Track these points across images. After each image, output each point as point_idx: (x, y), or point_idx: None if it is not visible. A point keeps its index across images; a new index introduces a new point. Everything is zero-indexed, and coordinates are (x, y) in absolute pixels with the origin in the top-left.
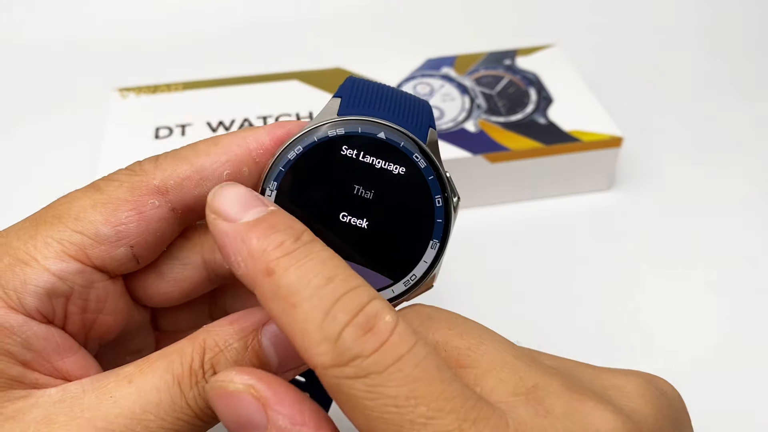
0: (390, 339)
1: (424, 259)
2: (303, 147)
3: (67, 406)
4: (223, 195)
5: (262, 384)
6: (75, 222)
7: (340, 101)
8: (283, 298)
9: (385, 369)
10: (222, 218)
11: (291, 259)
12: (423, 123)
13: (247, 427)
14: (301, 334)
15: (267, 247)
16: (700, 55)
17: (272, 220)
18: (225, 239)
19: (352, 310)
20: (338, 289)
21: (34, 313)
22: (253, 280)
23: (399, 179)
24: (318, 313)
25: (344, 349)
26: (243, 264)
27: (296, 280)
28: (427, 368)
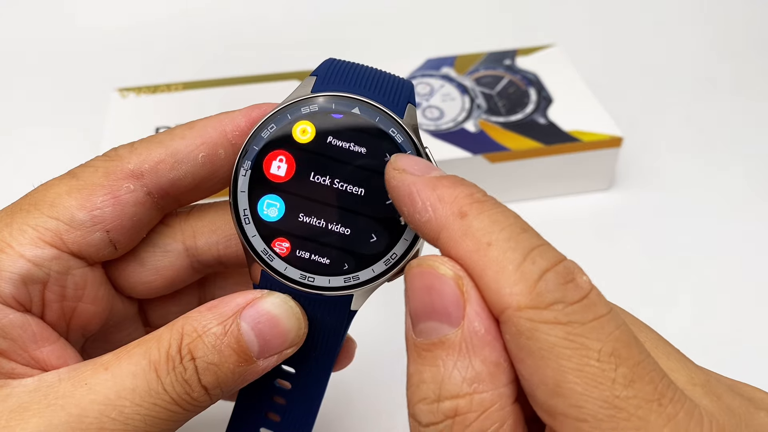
0: (590, 295)
1: (405, 237)
2: (276, 125)
3: (42, 395)
4: (408, 157)
5: (470, 281)
6: (50, 208)
7: (315, 79)
8: (475, 238)
9: (588, 321)
10: (408, 173)
11: (483, 206)
12: (401, 99)
13: (440, 316)
14: (495, 272)
15: (459, 193)
16: (700, 55)
17: (458, 178)
18: (413, 187)
19: (552, 259)
20: (534, 240)
21: (10, 301)
22: (442, 224)
23: (375, 155)
24: (517, 254)
25: (545, 292)
26: (431, 209)
27: (491, 223)
28: (627, 334)
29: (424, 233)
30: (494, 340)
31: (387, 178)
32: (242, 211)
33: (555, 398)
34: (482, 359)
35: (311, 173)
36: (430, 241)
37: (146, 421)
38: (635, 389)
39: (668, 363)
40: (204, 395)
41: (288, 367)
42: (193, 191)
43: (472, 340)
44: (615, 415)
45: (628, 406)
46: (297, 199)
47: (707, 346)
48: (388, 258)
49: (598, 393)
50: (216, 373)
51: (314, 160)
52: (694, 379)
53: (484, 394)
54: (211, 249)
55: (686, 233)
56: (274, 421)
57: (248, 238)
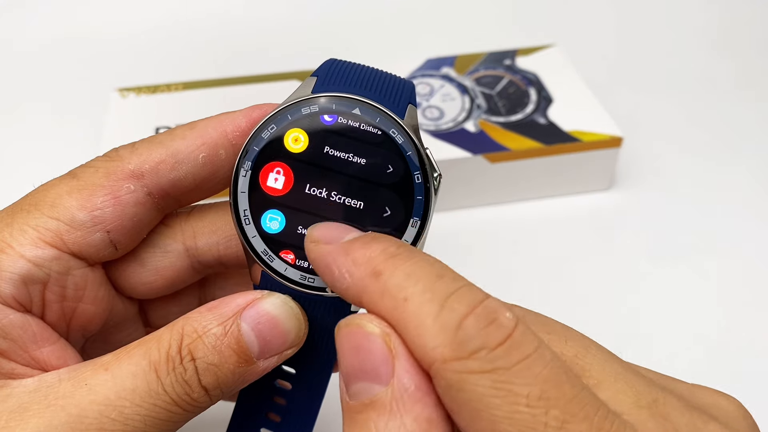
0: (514, 334)
1: (405, 238)
2: (277, 126)
3: (42, 395)
4: (322, 227)
5: (398, 338)
6: (51, 208)
7: (316, 80)
8: (392, 296)
9: (513, 365)
10: (323, 243)
11: (397, 260)
12: (402, 100)
13: (369, 376)
14: (416, 327)
15: (371, 252)
16: (700, 55)
17: (372, 235)
18: (328, 257)
19: (470, 303)
20: (451, 285)
21: (10, 301)
22: (360, 287)
23: (375, 156)
24: (433, 306)
25: (466, 340)
26: (348, 274)
27: (405, 277)
28: (556, 370)
29: (349, 299)
30: (425, 396)
31: (306, 252)
32: (242, 211)
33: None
34: (414, 417)
35: (311, 175)
36: (356, 305)
37: (146, 422)
38: (568, 430)
39: (615, 385)
40: (204, 396)
41: (288, 368)
42: (194, 192)
43: (402, 397)
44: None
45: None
46: (297, 201)
47: (707, 346)
48: None
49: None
50: (216, 374)
51: (314, 163)
52: (641, 400)
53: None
54: (211, 249)
55: (686, 233)
56: (275, 421)
57: (248, 239)
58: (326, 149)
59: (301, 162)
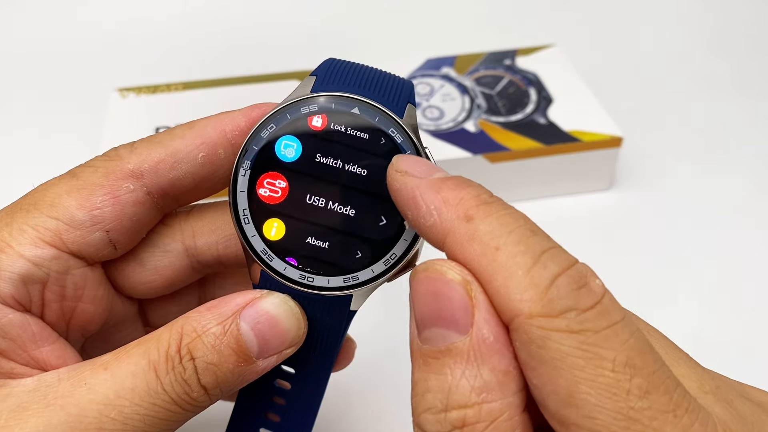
0: (603, 301)
1: (404, 237)
2: (276, 125)
3: (41, 395)
4: (410, 158)
5: (479, 286)
6: (50, 208)
7: (315, 79)
8: (483, 242)
9: (602, 329)
10: (411, 175)
11: (490, 208)
12: (401, 99)
13: (448, 323)
14: (505, 278)
15: (464, 195)
16: (700, 56)
17: (463, 178)
18: (416, 191)
19: (563, 263)
20: (544, 242)
21: (10, 301)
22: (447, 228)
23: (374, 155)
24: (526, 258)
25: (557, 298)
26: (436, 212)
27: (499, 225)
28: (641, 341)
29: (430, 237)
30: (503, 348)
31: (389, 181)
32: (242, 211)
33: (568, 408)
34: (491, 368)
35: (310, 174)
36: (436, 245)
37: (145, 421)
38: (650, 400)
39: (679, 369)
40: (203, 395)
41: (288, 368)
42: (193, 191)
43: (480, 348)
44: (629, 426)
45: (643, 417)
46: (299, 194)
47: (708, 346)
48: (388, 258)
49: (612, 404)
50: (215, 373)
51: (313, 162)
52: (705, 386)
53: (493, 404)
54: (210, 249)
55: (686, 233)
56: (274, 421)
57: (247, 238)
58: (325, 149)
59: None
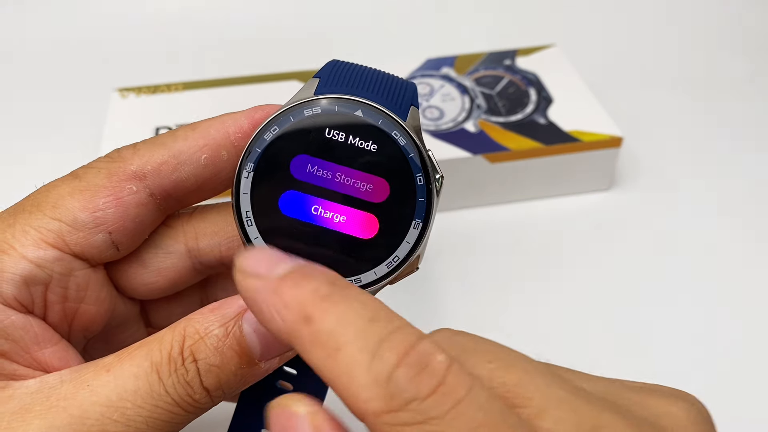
0: (446, 379)
1: (407, 240)
2: (279, 127)
3: (43, 396)
4: (250, 255)
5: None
6: (53, 209)
7: (318, 81)
8: (324, 344)
9: (446, 413)
10: (252, 277)
11: (328, 303)
12: (404, 101)
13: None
14: (347, 380)
15: (301, 294)
16: (700, 56)
17: (303, 270)
18: (257, 296)
19: (402, 350)
20: (383, 329)
21: (12, 302)
22: (292, 332)
23: (377, 158)
24: (364, 355)
25: (397, 392)
26: (278, 317)
27: (337, 323)
28: (491, 412)
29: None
30: None
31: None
32: (244, 212)
33: None
34: None
35: (313, 177)
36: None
37: (148, 423)
38: None
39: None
40: (206, 397)
41: (290, 369)
42: (196, 193)
43: None
44: None
45: None
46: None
47: (707, 346)
48: (390, 261)
49: None
50: (218, 375)
51: (316, 164)
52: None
53: None
54: (213, 250)
55: (686, 233)
56: None
57: (250, 240)
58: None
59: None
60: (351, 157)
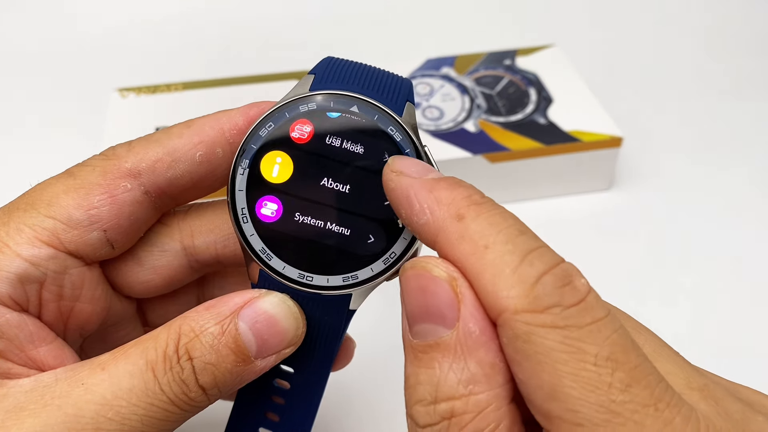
0: (587, 299)
1: (404, 236)
2: (275, 124)
3: (38, 395)
4: (406, 159)
5: (465, 282)
6: (47, 207)
7: (313, 78)
8: (472, 241)
9: (585, 325)
10: (406, 175)
11: (481, 208)
12: (400, 97)
13: (435, 318)
14: (492, 275)
15: (456, 195)
16: (699, 56)
17: (456, 179)
18: (410, 190)
19: (549, 262)
20: (532, 242)
21: (7, 300)
22: (439, 226)
23: (374, 153)
24: (514, 257)
25: (542, 295)
26: (429, 211)
27: (489, 225)
28: (624, 337)
29: (422, 236)
30: (489, 341)
31: (384, 181)
32: (240, 210)
33: (551, 402)
34: (477, 360)
35: (309, 173)
36: (428, 243)
37: (143, 422)
38: (631, 394)
39: (666, 366)
40: (201, 395)
41: (287, 367)
42: (191, 190)
43: (467, 341)
44: (611, 419)
45: (625, 410)
46: (294, 200)
47: (707, 346)
48: (387, 257)
49: (595, 397)
50: (213, 373)
51: (312, 160)
52: (692, 383)
53: (480, 396)
54: (209, 248)
55: (686, 233)
56: (273, 421)
57: (246, 237)
58: (328, 139)
59: (303, 152)
60: (346, 153)
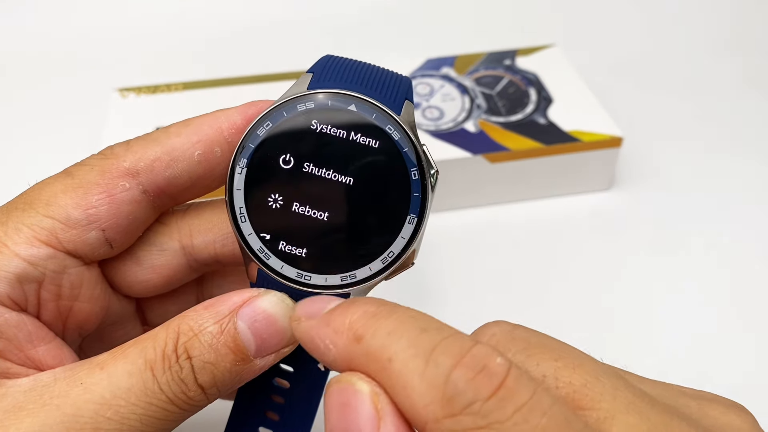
0: (507, 382)
1: (402, 235)
2: (272, 123)
3: (37, 395)
4: (306, 303)
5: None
6: (46, 207)
7: (311, 76)
8: (376, 358)
9: (509, 417)
10: (305, 320)
11: (377, 320)
12: (398, 96)
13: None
14: (404, 387)
15: (351, 317)
16: (700, 55)
17: (350, 302)
18: (311, 332)
19: (457, 353)
20: (435, 337)
21: (6, 300)
22: (346, 356)
23: (372, 152)
24: (418, 361)
25: (455, 394)
26: (332, 345)
27: (387, 335)
28: (556, 418)
29: (340, 371)
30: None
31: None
32: (238, 209)
33: None
34: None
35: (308, 171)
36: None
37: (142, 421)
38: None
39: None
40: (200, 395)
41: (286, 366)
42: (190, 189)
43: None
44: None
45: None
46: (293, 196)
47: (706, 346)
48: (385, 256)
49: None
50: (212, 372)
51: (311, 158)
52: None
53: None
54: (207, 247)
55: (686, 233)
56: (273, 420)
57: (244, 237)
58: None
59: (303, 150)
60: (344, 152)
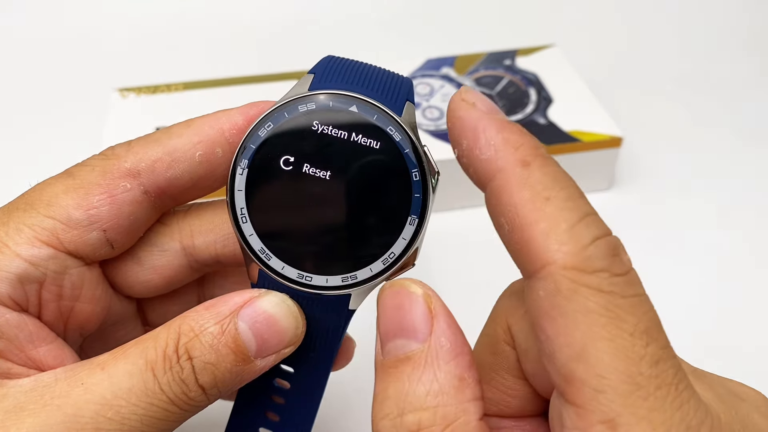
0: (631, 273)
1: (403, 236)
2: (273, 123)
3: (38, 395)
4: (478, 93)
5: (440, 300)
6: (47, 207)
7: (313, 77)
8: (535, 189)
9: (628, 296)
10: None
11: (547, 161)
12: (399, 97)
13: (408, 333)
14: (547, 227)
15: (525, 142)
16: (699, 55)
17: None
18: (479, 123)
19: (603, 229)
20: (589, 207)
21: (7, 300)
22: (500, 166)
23: (373, 153)
24: (573, 215)
25: (594, 257)
26: (495, 149)
27: (553, 179)
28: (657, 318)
29: (479, 171)
30: (459, 356)
31: (453, 107)
32: (239, 209)
33: (578, 363)
34: (447, 373)
35: (309, 172)
36: (480, 181)
37: (143, 421)
38: (659, 369)
39: None
40: (201, 395)
41: (287, 367)
42: (191, 190)
43: (437, 354)
44: (634, 392)
45: (650, 385)
46: (294, 196)
47: (706, 346)
48: (386, 257)
49: (624, 366)
50: (213, 373)
51: (312, 159)
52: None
53: (449, 408)
54: (208, 248)
55: (686, 233)
56: (274, 420)
57: (245, 237)
58: (323, 148)
59: (303, 150)
60: (345, 153)
